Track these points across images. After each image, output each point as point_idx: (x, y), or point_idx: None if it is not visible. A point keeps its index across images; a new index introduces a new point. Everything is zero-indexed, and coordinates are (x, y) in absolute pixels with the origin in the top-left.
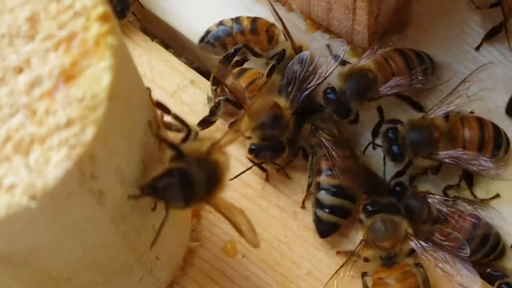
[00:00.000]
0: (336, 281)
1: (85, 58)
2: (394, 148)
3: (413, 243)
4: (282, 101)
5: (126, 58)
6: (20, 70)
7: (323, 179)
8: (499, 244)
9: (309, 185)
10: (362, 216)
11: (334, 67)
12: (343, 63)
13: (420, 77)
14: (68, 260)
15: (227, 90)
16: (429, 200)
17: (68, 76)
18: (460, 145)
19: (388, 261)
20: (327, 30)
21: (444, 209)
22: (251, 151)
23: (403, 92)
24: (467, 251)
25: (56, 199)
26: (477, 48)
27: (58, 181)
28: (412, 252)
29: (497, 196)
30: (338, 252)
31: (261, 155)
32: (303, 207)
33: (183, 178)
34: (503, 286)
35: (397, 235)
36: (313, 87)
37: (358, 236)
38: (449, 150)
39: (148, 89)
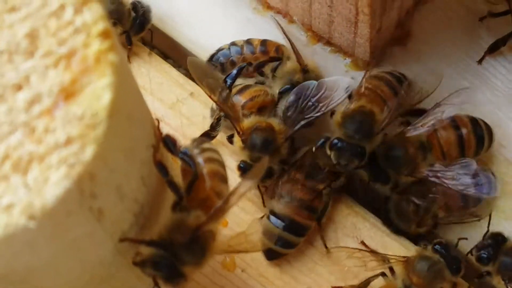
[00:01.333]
0: None
1: (85, 75)
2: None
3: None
4: (276, 124)
5: (127, 75)
6: (19, 87)
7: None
8: None
9: None
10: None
11: (337, 104)
12: None
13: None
14: (67, 278)
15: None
16: None
17: (68, 93)
18: (438, 152)
19: None
20: (328, 42)
21: None
22: (239, 168)
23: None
24: None
25: (55, 219)
26: (480, 62)
27: (57, 201)
28: None
29: None
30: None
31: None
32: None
33: (170, 270)
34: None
35: None
36: (312, 118)
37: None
38: (431, 163)
39: (157, 120)
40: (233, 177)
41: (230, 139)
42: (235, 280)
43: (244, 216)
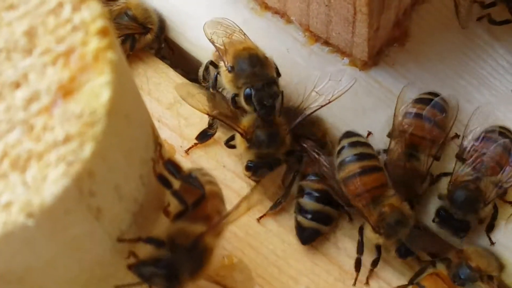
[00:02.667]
0: None
1: (84, 73)
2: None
3: None
4: (275, 117)
5: (126, 74)
6: (17, 85)
7: (306, 183)
8: None
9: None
10: None
11: (340, 95)
12: None
13: None
14: (66, 278)
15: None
16: None
17: (66, 91)
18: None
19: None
20: (326, 42)
21: None
22: (248, 168)
23: None
24: None
25: (53, 217)
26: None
27: (55, 199)
28: None
29: None
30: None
31: (259, 172)
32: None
33: (169, 270)
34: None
35: None
36: (315, 110)
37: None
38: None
39: (160, 144)
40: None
41: (229, 143)
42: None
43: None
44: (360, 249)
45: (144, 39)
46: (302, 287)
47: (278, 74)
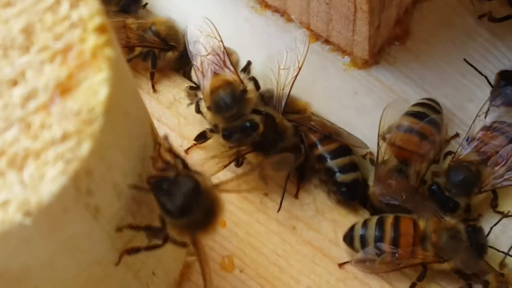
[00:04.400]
0: None
1: (82, 71)
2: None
3: None
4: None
5: (124, 71)
6: (15, 83)
7: (321, 149)
8: None
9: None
10: None
11: (305, 57)
12: None
13: None
14: (64, 278)
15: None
16: None
17: (64, 88)
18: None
19: None
20: (327, 41)
21: None
22: (224, 136)
23: None
24: None
25: (51, 216)
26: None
27: (53, 197)
28: None
29: None
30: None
31: (233, 138)
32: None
33: (190, 187)
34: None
35: None
36: (292, 82)
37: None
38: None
39: (159, 143)
40: None
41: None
42: (233, 281)
43: (242, 215)
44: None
45: (166, 57)
46: (303, 287)
47: (258, 88)
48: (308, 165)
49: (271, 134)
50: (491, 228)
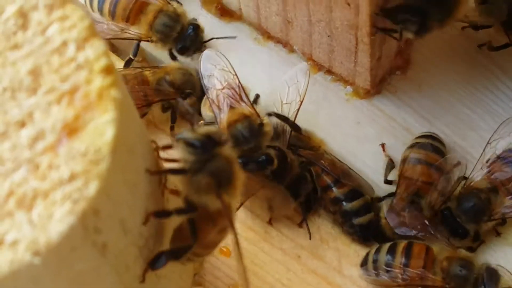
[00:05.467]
0: None
1: (88, 112)
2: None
3: None
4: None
5: (129, 110)
6: (22, 124)
7: (336, 191)
8: None
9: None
10: None
11: (306, 90)
12: None
13: None
14: None
15: None
16: None
17: (71, 129)
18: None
19: None
20: (329, 71)
21: None
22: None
23: None
24: None
25: (59, 254)
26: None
27: (61, 237)
28: None
29: None
30: None
31: (247, 167)
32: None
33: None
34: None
35: None
36: (295, 115)
37: (361, 279)
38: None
39: (155, 143)
40: None
41: None
42: None
43: (247, 245)
44: None
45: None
46: None
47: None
48: (314, 195)
49: (281, 167)
50: None
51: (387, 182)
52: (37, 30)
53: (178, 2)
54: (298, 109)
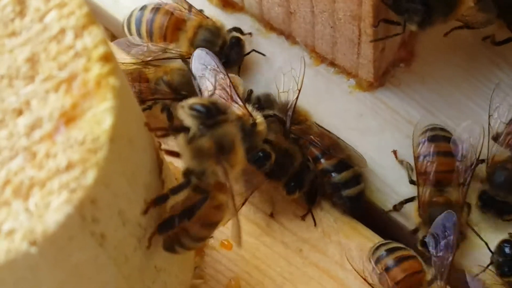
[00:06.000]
0: None
1: (86, 100)
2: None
3: None
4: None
5: (128, 99)
6: (19, 112)
7: (325, 163)
8: None
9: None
10: None
11: (303, 78)
12: None
13: None
14: None
15: None
16: None
17: (69, 118)
18: None
19: None
20: (332, 63)
21: None
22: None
23: None
24: None
25: (56, 244)
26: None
27: (58, 226)
28: None
29: None
30: None
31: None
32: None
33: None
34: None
35: None
36: (294, 104)
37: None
38: None
39: (159, 142)
40: None
41: None
42: None
43: (248, 238)
44: None
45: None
46: None
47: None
48: (317, 187)
49: (282, 161)
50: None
51: (412, 182)
52: (35, 17)
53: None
54: (297, 98)
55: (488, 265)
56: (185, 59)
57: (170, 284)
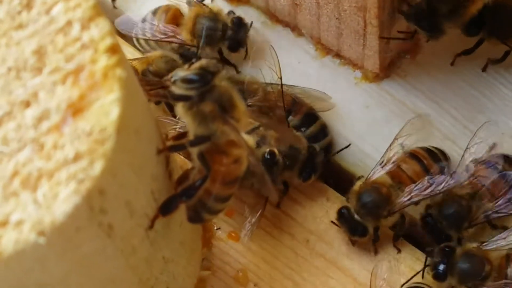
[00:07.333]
0: None
1: (93, 91)
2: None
3: None
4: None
5: (135, 90)
6: (27, 104)
7: (293, 120)
8: None
9: None
10: None
11: (278, 64)
12: None
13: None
14: None
15: None
16: None
17: (76, 109)
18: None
19: None
20: (337, 55)
21: None
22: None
23: None
24: None
25: (64, 235)
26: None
27: (66, 217)
28: None
29: None
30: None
31: None
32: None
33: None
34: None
35: None
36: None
37: (370, 263)
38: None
39: (165, 134)
40: None
41: None
42: None
43: (255, 229)
44: None
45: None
46: None
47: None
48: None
49: (290, 153)
50: None
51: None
52: (42, 10)
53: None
54: (281, 86)
55: (424, 267)
56: (189, 46)
57: (178, 275)
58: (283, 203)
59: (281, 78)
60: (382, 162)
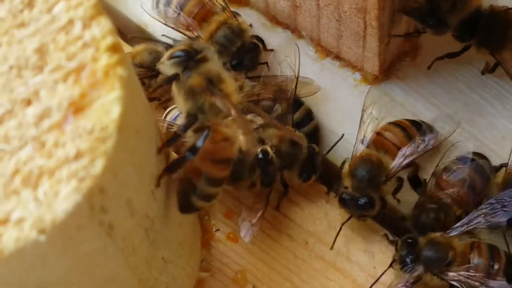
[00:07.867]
0: None
1: (95, 90)
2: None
3: None
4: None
5: (136, 89)
6: (28, 102)
7: None
8: None
9: None
10: None
11: (299, 65)
12: None
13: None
14: None
15: None
16: None
17: (77, 107)
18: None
19: None
20: (337, 57)
21: None
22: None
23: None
24: None
25: (65, 233)
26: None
27: (67, 215)
28: None
29: None
30: None
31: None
32: None
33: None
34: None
35: None
36: (294, 92)
37: (369, 264)
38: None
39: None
40: None
41: None
42: None
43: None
44: None
45: (158, 81)
46: None
47: None
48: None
49: (290, 152)
50: None
51: None
52: (43, 8)
53: (236, 16)
54: (295, 87)
55: (391, 263)
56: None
57: (177, 276)
58: (282, 205)
59: (297, 78)
60: (361, 137)
